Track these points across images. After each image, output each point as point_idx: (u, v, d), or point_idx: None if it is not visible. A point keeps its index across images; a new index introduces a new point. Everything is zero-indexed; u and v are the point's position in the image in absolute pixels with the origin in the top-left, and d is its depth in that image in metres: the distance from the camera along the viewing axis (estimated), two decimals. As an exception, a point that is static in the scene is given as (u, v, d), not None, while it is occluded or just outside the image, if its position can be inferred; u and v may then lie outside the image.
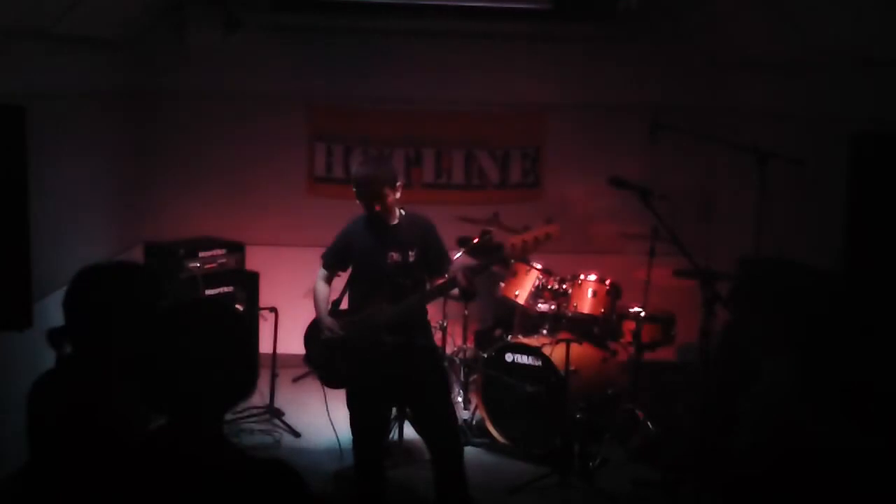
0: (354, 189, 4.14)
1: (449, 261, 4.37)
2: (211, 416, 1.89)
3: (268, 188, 6.76)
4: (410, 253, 4.18)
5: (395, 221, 4.22)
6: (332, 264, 4.40)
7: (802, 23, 5.48)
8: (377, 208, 4.12)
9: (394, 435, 5.20)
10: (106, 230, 5.87)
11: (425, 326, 4.40)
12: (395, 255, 4.17)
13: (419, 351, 4.28)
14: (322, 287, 4.38)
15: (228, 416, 5.73)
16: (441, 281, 4.20)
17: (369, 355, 4.19)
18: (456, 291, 4.17)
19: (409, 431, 5.22)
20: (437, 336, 5.44)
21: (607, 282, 5.56)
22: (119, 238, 6.04)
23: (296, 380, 6.06)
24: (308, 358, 4.46)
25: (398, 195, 4.18)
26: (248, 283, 6.04)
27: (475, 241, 5.63)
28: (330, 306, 4.38)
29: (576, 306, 5.53)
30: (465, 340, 6.04)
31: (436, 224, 4.40)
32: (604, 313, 5.53)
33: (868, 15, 4.88)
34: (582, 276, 5.58)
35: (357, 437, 4.30)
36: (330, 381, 4.43)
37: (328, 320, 4.29)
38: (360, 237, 4.24)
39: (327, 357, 4.32)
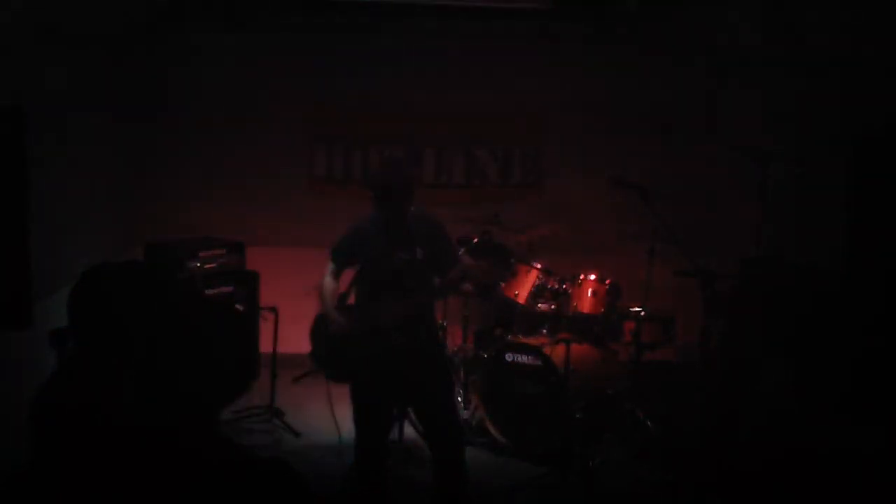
0: (374, 192, 4.12)
1: (457, 259, 4.37)
2: (210, 414, 1.89)
3: (268, 188, 6.76)
4: (418, 251, 4.18)
5: (405, 219, 4.21)
6: (341, 261, 4.40)
7: (803, 23, 5.48)
8: (396, 210, 4.12)
9: (394, 434, 5.19)
10: (106, 230, 5.86)
11: (432, 325, 4.40)
12: (402, 253, 4.17)
13: (425, 350, 4.28)
14: (330, 282, 4.39)
15: (229, 416, 5.72)
16: (452, 274, 4.21)
17: (375, 351, 4.20)
18: (468, 286, 4.16)
19: (409, 431, 5.22)
20: (439, 336, 5.43)
21: (607, 282, 5.56)
22: (119, 238, 6.03)
23: (296, 380, 6.06)
24: (313, 353, 4.46)
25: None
26: (248, 283, 6.03)
27: (475, 241, 5.64)
28: (337, 301, 4.38)
29: (576, 306, 5.53)
30: (465, 340, 6.04)
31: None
32: (604, 313, 5.53)
33: (868, 16, 4.89)
34: (582, 276, 5.58)
35: (360, 432, 4.30)
36: (335, 376, 4.42)
37: (335, 314, 4.30)
38: (368, 234, 4.24)
39: (333, 352, 4.33)
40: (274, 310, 5.74)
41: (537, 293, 5.60)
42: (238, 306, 5.76)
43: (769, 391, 5.51)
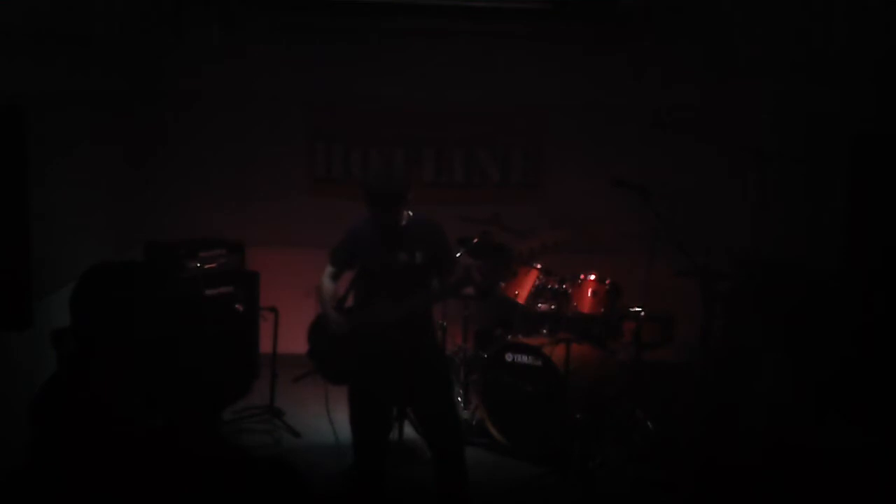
0: (368, 198, 4.11)
1: (455, 262, 4.39)
2: (210, 414, 1.89)
3: (268, 188, 6.76)
4: (417, 254, 4.18)
5: (403, 222, 4.21)
6: (340, 263, 4.41)
7: (803, 23, 5.48)
8: (391, 216, 4.12)
9: (394, 434, 5.19)
10: (106, 230, 5.87)
11: (430, 327, 4.40)
12: (401, 256, 4.17)
13: (423, 351, 4.28)
14: (329, 284, 4.39)
15: (229, 416, 5.72)
16: (452, 279, 4.21)
17: (373, 352, 4.20)
18: (469, 289, 4.17)
19: (409, 431, 5.22)
20: (437, 336, 5.43)
21: (607, 282, 5.56)
22: (119, 238, 6.04)
23: (296, 380, 6.06)
24: (311, 353, 4.46)
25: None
26: (248, 283, 6.04)
27: (475, 240, 5.64)
28: (335, 303, 4.38)
29: (576, 306, 5.53)
30: (465, 340, 6.04)
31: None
32: (604, 313, 5.52)
33: (867, 17, 4.89)
34: (582, 276, 5.58)
35: (358, 435, 4.30)
36: (332, 377, 4.43)
37: (334, 314, 4.30)
38: (367, 237, 4.25)
39: (331, 352, 4.33)
40: (274, 310, 5.74)
41: (537, 293, 5.60)
42: (238, 306, 5.76)
43: (769, 391, 5.52)
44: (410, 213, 4.25)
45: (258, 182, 6.73)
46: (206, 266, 5.75)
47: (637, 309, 5.51)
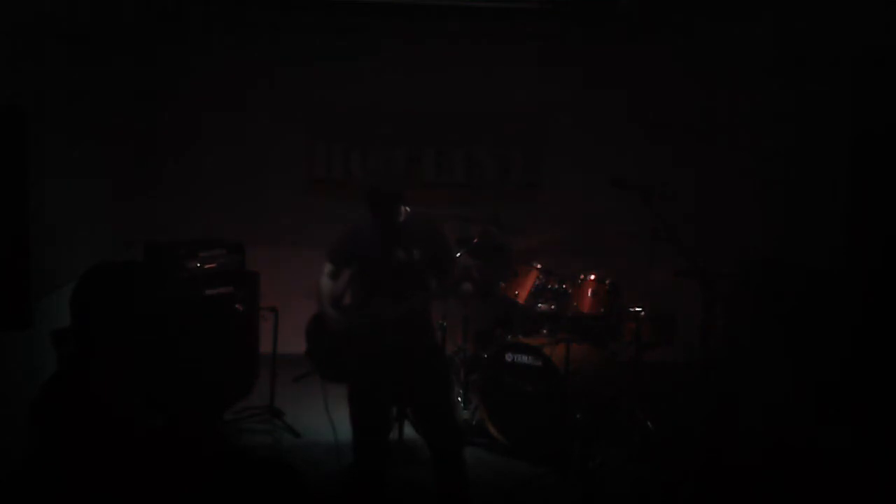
0: (366, 199, 4.12)
1: (455, 262, 4.38)
2: (210, 414, 1.90)
3: (268, 188, 6.76)
4: (416, 252, 4.18)
5: (401, 220, 4.21)
6: (338, 261, 4.40)
7: (802, 23, 5.49)
8: (389, 215, 4.13)
9: (394, 434, 5.19)
10: (106, 230, 5.87)
11: (429, 326, 4.40)
12: (400, 254, 4.17)
13: (423, 351, 4.28)
14: (327, 282, 4.38)
15: (229, 416, 5.71)
16: (451, 280, 4.21)
17: (372, 352, 4.20)
18: (469, 287, 4.17)
19: (409, 431, 5.22)
20: (436, 336, 5.43)
21: (607, 282, 5.56)
22: (119, 238, 6.03)
23: (296, 380, 6.06)
24: (309, 353, 4.46)
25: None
26: (248, 283, 6.03)
27: (475, 240, 5.64)
28: (333, 302, 4.38)
29: (576, 306, 5.53)
30: (465, 340, 6.03)
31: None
32: (604, 313, 5.52)
33: (868, 17, 4.89)
34: (582, 276, 5.58)
35: (357, 434, 4.30)
36: (331, 377, 4.43)
37: (333, 312, 4.30)
38: (366, 235, 4.25)
39: (330, 352, 4.33)
40: (274, 310, 5.74)
41: (537, 293, 5.60)
42: (238, 306, 5.76)
43: (769, 391, 5.52)
44: (408, 210, 4.25)
45: (258, 182, 6.74)
46: (206, 266, 5.75)
47: (637, 309, 5.50)
